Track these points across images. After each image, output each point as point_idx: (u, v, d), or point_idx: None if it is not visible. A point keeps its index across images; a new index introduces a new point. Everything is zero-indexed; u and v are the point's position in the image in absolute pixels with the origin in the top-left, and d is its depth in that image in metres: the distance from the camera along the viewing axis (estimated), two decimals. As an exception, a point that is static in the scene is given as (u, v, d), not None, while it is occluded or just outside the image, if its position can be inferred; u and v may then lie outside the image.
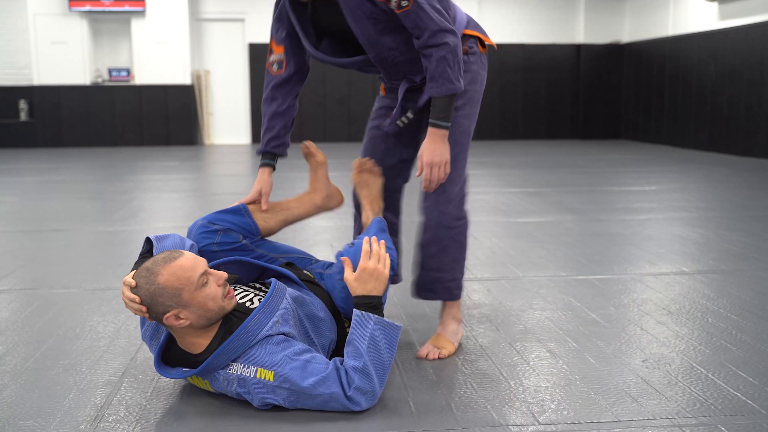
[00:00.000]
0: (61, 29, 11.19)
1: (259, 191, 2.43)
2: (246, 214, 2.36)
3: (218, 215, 2.32)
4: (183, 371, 1.98)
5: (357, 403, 1.93)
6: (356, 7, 2.16)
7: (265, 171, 2.47)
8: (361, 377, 1.92)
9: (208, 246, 2.28)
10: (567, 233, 4.46)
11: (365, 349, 1.94)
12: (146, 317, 1.92)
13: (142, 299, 1.88)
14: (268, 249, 2.41)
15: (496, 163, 8.82)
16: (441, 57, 2.14)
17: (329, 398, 1.91)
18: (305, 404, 1.93)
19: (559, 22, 12.45)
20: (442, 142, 2.25)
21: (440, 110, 2.22)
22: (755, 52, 9.10)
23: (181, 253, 1.92)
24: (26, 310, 2.94)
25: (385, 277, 2.05)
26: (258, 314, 1.96)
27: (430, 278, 2.44)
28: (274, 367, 1.90)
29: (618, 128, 12.70)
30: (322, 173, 2.58)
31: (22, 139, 11.32)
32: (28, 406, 2.03)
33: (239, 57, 12.04)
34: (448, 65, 2.15)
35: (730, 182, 6.88)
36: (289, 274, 2.25)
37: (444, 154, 2.25)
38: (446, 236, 2.39)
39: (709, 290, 3.19)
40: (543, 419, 1.94)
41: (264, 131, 2.48)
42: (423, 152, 2.26)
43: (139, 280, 1.89)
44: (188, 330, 1.94)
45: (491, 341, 2.55)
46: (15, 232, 4.68)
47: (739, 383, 2.16)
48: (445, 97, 2.21)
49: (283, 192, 6.32)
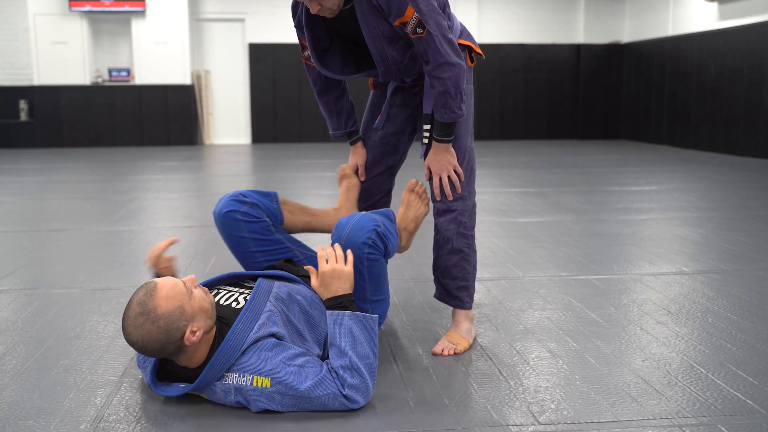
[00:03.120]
0: (62, 29, 11.19)
1: (356, 163, 2.66)
2: (275, 201, 2.46)
3: (251, 192, 2.42)
4: (180, 387, 1.98)
5: (354, 401, 1.93)
6: (375, 27, 2.26)
7: (358, 146, 2.68)
8: (351, 374, 1.93)
9: (233, 213, 2.35)
10: (567, 233, 4.46)
11: (348, 346, 1.95)
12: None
13: (154, 344, 1.84)
14: (286, 238, 2.47)
15: (496, 163, 8.82)
16: (444, 91, 2.27)
17: (327, 399, 1.91)
18: (304, 407, 1.93)
19: (559, 22, 12.45)
20: (446, 152, 2.39)
21: (443, 129, 2.35)
22: (755, 52, 9.10)
23: (153, 282, 1.90)
24: (26, 310, 2.94)
25: (348, 273, 2.06)
26: (242, 319, 1.97)
27: (457, 286, 2.53)
28: (270, 374, 1.90)
29: (618, 128, 12.70)
30: (352, 196, 2.66)
31: (22, 139, 11.32)
32: (28, 406, 2.03)
33: (239, 57, 12.04)
34: (450, 97, 2.28)
35: (730, 182, 6.88)
36: (283, 274, 2.26)
37: (450, 161, 2.39)
38: (465, 245, 2.51)
39: (709, 290, 3.19)
40: (543, 419, 1.94)
41: (336, 115, 2.64)
42: (430, 163, 2.40)
43: (140, 330, 1.83)
44: (201, 341, 1.92)
45: (491, 341, 2.56)
46: (15, 232, 4.68)
47: (739, 383, 2.16)
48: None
49: (283, 192, 6.32)
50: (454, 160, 2.39)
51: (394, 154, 2.67)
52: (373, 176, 2.68)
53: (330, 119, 2.66)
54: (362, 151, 2.66)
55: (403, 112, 2.61)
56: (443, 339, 2.48)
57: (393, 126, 2.62)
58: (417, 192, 2.59)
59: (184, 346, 1.89)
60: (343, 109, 2.64)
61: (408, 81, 2.51)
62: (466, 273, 2.53)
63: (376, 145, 2.64)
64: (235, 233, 2.37)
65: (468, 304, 2.55)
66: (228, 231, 2.38)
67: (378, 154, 2.65)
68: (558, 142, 12.06)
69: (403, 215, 2.57)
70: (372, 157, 2.65)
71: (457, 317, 2.55)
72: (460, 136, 2.45)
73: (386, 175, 2.70)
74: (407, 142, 2.67)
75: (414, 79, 2.51)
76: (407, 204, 2.59)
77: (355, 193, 2.66)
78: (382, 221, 2.25)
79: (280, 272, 2.27)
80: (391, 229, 2.29)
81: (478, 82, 12.30)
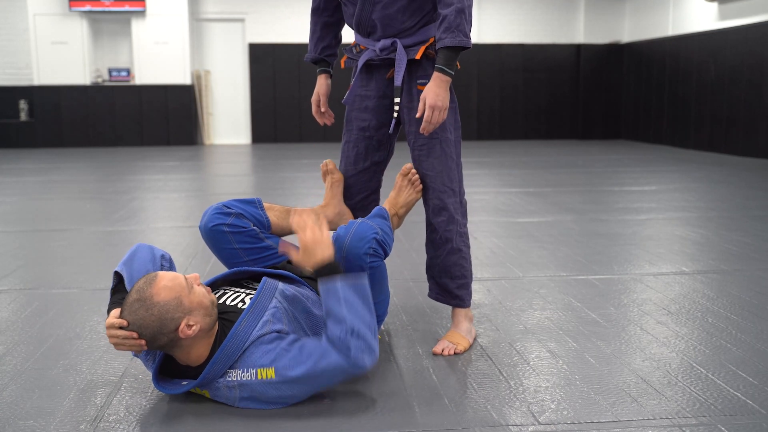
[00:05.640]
0: (61, 29, 11.19)
1: (318, 93, 2.64)
2: (260, 207, 2.43)
3: (234, 202, 2.39)
4: (182, 384, 1.98)
5: (362, 365, 1.93)
6: None
7: (322, 76, 2.67)
8: (354, 338, 1.92)
9: (219, 226, 2.32)
10: (567, 233, 4.46)
11: (345, 312, 1.95)
12: (144, 349, 1.91)
13: (146, 330, 1.86)
14: (276, 242, 2.44)
15: (496, 163, 8.82)
16: (460, 9, 2.22)
17: (334, 371, 1.91)
18: (314, 387, 1.94)
19: (559, 22, 12.45)
20: (445, 89, 2.30)
21: (448, 59, 2.28)
22: (755, 52, 9.10)
23: (155, 272, 1.93)
24: (26, 310, 2.94)
25: (327, 239, 2.05)
26: (246, 316, 1.97)
27: (457, 285, 2.52)
28: (272, 363, 1.90)
29: (618, 128, 12.70)
30: (337, 191, 2.62)
31: (22, 139, 11.32)
32: (28, 406, 2.03)
33: (239, 57, 12.04)
34: (464, 19, 2.24)
35: (730, 182, 6.88)
36: (287, 273, 2.26)
37: (445, 101, 2.31)
38: (464, 244, 2.50)
39: (709, 290, 3.19)
40: (543, 419, 1.94)
41: (316, 39, 2.64)
42: (426, 94, 2.30)
43: (134, 315, 1.86)
44: (198, 337, 1.93)
45: (491, 341, 2.56)
46: (15, 232, 4.68)
47: (739, 383, 2.16)
48: (454, 49, 2.27)
49: (283, 192, 6.32)
50: (448, 102, 2.32)
51: (379, 149, 2.58)
52: (358, 172, 2.60)
53: (310, 41, 2.66)
54: (326, 83, 2.66)
55: (383, 103, 2.53)
56: (443, 339, 2.48)
57: (375, 119, 2.54)
58: (410, 178, 2.53)
59: (179, 339, 1.89)
60: (325, 36, 2.63)
61: (378, 49, 2.41)
62: (465, 271, 2.52)
63: (359, 138, 2.57)
64: (225, 246, 2.35)
65: (468, 302, 2.55)
66: (217, 245, 2.36)
67: (362, 149, 2.58)
68: (558, 142, 12.06)
69: (394, 200, 2.54)
70: (356, 152, 2.59)
71: (456, 317, 2.55)
72: (449, 130, 2.44)
73: (372, 172, 2.62)
74: (391, 136, 2.59)
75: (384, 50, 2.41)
76: (399, 188, 2.54)
77: (340, 187, 2.62)
78: (380, 226, 2.24)
79: (283, 272, 2.27)
80: (388, 231, 2.29)
81: (478, 81, 12.31)
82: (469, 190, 5.55)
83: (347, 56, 2.58)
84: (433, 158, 2.43)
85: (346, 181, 2.63)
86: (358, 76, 2.52)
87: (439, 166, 2.43)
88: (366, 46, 2.48)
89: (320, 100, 2.66)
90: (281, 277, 2.28)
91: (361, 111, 2.55)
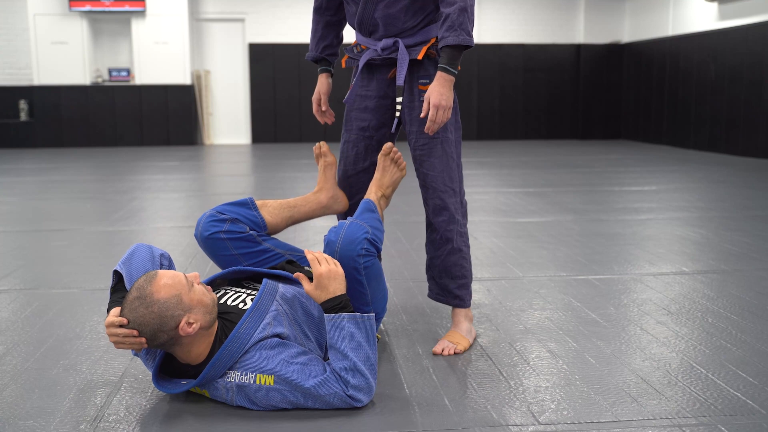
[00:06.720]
0: (61, 29, 11.19)
1: (319, 92, 2.64)
2: (253, 207, 2.42)
3: (226, 206, 2.38)
4: (182, 384, 1.98)
5: (358, 400, 1.95)
6: None
7: (323, 75, 2.67)
8: (354, 375, 1.94)
9: (216, 234, 2.32)
10: (567, 233, 4.46)
11: (348, 348, 1.96)
12: (144, 347, 1.91)
13: (146, 328, 1.86)
14: (274, 244, 2.43)
15: (496, 163, 8.82)
16: (463, 8, 2.22)
17: (332, 398, 1.93)
18: (309, 403, 1.94)
19: (559, 22, 12.45)
20: (449, 88, 2.30)
21: (451, 58, 2.27)
22: (755, 52, 9.10)
23: (155, 271, 1.93)
24: (26, 310, 2.94)
25: (341, 274, 2.06)
26: (248, 318, 1.97)
27: (458, 285, 2.52)
28: (273, 371, 1.90)
29: (618, 128, 12.71)
30: (330, 174, 2.61)
31: (22, 139, 11.32)
32: (28, 406, 2.03)
33: (239, 57, 12.04)
34: (467, 18, 2.24)
35: (730, 182, 6.88)
36: (287, 274, 2.26)
37: (449, 100, 2.30)
38: (464, 244, 2.51)
39: (709, 290, 3.19)
40: (543, 419, 1.94)
41: (318, 38, 2.65)
42: (431, 94, 2.29)
43: (134, 313, 1.86)
44: (198, 335, 1.93)
45: (491, 341, 2.56)
46: (15, 232, 4.68)
47: (739, 383, 2.16)
48: (457, 48, 2.26)
49: (282, 192, 6.32)
50: (452, 101, 2.31)
51: (378, 149, 2.58)
52: (357, 172, 2.60)
53: (311, 40, 2.66)
54: (327, 82, 2.65)
55: (383, 104, 2.52)
56: (443, 339, 2.48)
57: (375, 119, 2.54)
58: (392, 157, 2.52)
59: (179, 337, 1.89)
60: (327, 35, 2.63)
61: (379, 48, 2.41)
62: (465, 271, 2.53)
63: (359, 138, 2.57)
64: (223, 253, 2.34)
65: (468, 302, 2.55)
66: (215, 252, 2.35)
67: (362, 149, 2.57)
68: (558, 142, 12.06)
69: (379, 181, 2.52)
70: (356, 152, 2.58)
71: (456, 317, 2.55)
72: (450, 130, 2.44)
73: (371, 172, 2.61)
74: (392, 137, 2.59)
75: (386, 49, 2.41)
76: (383, 168, 2.53)
77: (333, 170, 2.61)
78: (369, 222, 2.24)
79: (282, 272, 2.27)
80: (378, 225, 2.29)
81: (478, 81, 12.31)
82: (469, 190, 5.55)
83: (348, 56, 2.58)
84: (434, 158, 2.43)
85: (346, 181, 2.63)
86: (359, 76, 2.52)
87: (440, 166, 2.43)
88: (367, 46, 2.48)
89: (321, 98, 2.66)
90: (280, 277, 2.28)
91: (361, 111, 2.55)
